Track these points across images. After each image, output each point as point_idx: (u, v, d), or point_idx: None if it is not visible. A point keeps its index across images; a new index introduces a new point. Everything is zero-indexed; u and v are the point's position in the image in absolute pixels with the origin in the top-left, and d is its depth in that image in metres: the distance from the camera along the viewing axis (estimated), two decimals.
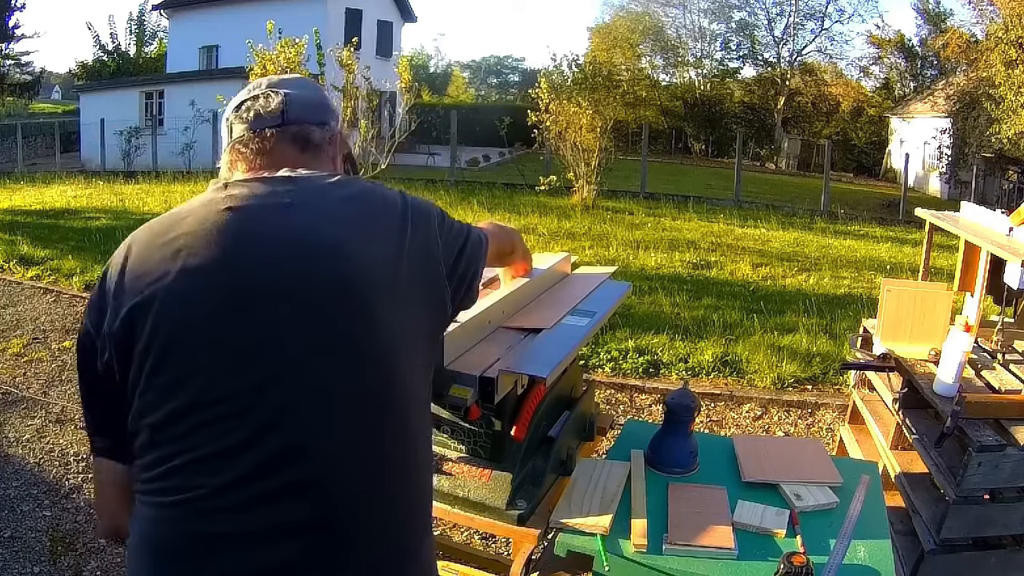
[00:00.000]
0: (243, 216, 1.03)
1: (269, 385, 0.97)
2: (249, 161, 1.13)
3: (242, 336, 0.98)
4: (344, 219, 1.06)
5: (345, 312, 1.00)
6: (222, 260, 1.00)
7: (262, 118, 1.13)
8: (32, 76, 29.15)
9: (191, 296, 0.99)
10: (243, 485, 0.96)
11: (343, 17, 20.29)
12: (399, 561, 1.06)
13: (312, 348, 0.98)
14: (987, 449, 1.90)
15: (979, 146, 17.37)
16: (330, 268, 1.00)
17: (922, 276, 3.03)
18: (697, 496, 1.57)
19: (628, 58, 29.57)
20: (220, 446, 0.96)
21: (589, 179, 11.24)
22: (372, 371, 1.01)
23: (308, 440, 0.97)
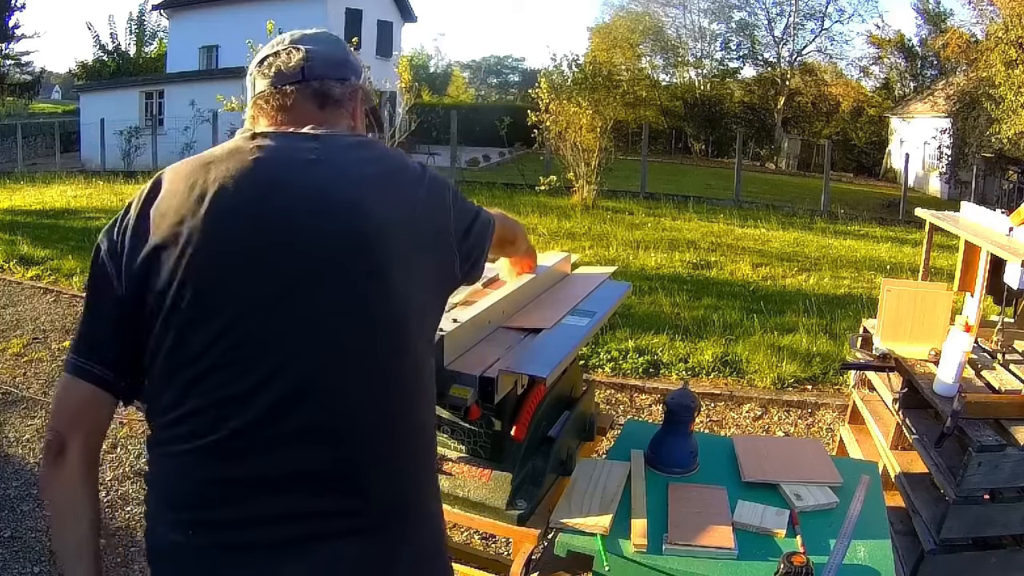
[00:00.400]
0: (270, 167, 1.05)
1: (284, 336, 0.99)
2: (270, 116, 1.14)
3: (261, 284, 1.00)
4: (365, 179, 1.07)
5: (362, 272, 1.02)
6: (248, 208, 1.01)
7: (283, 74, 1.14)
8: (32, 76, 29.16)
9: (215, 240, 1.00)
10: (258, 428, 0.97)
11: (343, 17, 20.29)
12: (405, 513, 1.08)
13: (327, 307, 1.00)
14: (987, 449, 1.90)
15: (979, 146, 17.37)
16: (350, 225, 1.02)
17: (922, 276, 3.03)
18: (697, 496, 1.57)
19: (628, 58, 29.57)
20: (235, 389, 0.98)
21: (589, 179, 11.24)
22: (384, 336, 1.03)
23: (320, 390, 0.99)
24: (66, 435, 1.04)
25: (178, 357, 0.99)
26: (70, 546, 1.05)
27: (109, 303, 1.03)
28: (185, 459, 1.00)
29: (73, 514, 1.05)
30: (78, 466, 1.04)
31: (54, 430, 1.04)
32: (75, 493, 1.05)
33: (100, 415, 1.07)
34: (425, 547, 1.13)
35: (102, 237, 1.05)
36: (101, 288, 1.04)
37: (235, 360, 0.98)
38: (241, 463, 0.98)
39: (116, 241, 1.04)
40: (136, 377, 1.06)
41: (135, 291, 1.01)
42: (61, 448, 1.03)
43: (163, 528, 1.03)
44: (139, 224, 1.03)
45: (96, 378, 1.04)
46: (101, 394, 1.05)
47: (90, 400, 1.05)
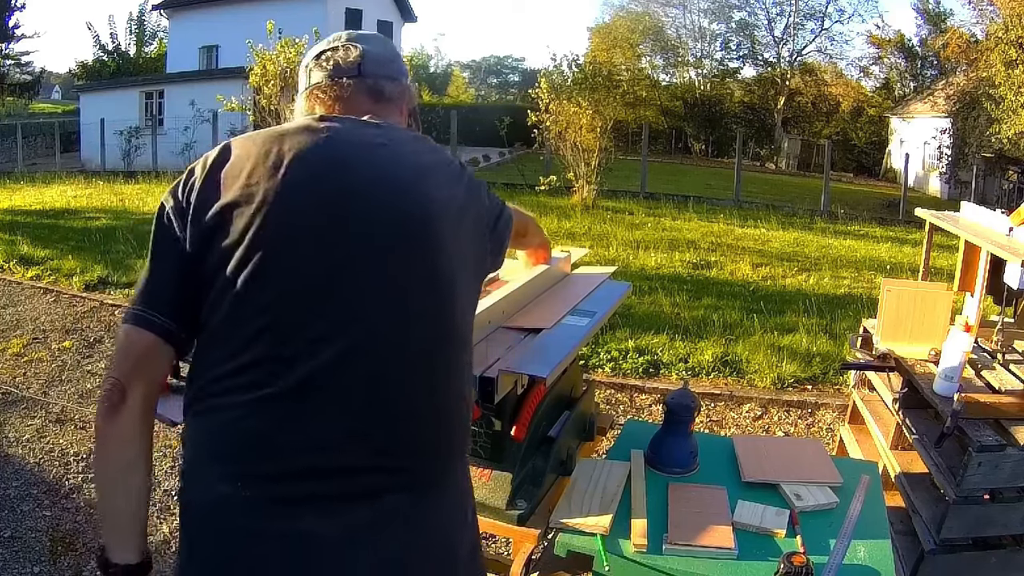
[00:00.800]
0: (341, 145, 1.10)
1: (347, 299, 1.03)
2: (327, 106, 1.20)
3: (328, 251, 1.04)
4: (423, 168, 1.14)
5: (419, 249, 1.07)
6: (321, 181, 1.06)
7: (341, 68, 1.20)
8: (32, 76, 29.14)
9: (290, 204, 1.04)
10: (316, 384, 1.01)
11: (343, 17, 20.30)
12: (444, 476, 1.13)
13: (388, 277, 1.05)
14: (987, 449, 1.90)
15: (979, 146, 17.36)
16: (411, 206, 1.08)
17: (922, 276, 3.03)
18: (697, 496, 1.57)
19: (628, 58, 29.55)
20: (298, 345, 1.01)
21: (589, 179, 11.24)
22: (435, 308, 1.09)
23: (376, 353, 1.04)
24: (127, 384, 1.04)
25: (242, 310, 1.02)
26: (119, 504, 1.06)
27: (174, 257, 1.06)
28: (240, 411, 1.01)
29: (127, 469, 1.05)
30: (139, 416, 1.05)
31: (114, 379, 1.04)
32: (132, 446, 1.05)
33: (161, 366, 1.08)
34: (461, 511, 1.17)
35: (166, 196, 1.09)
36: (166, 243, 1.07)
37: (299, 316, 1.02)
38: (295, 416, 1.01)
39: (181, 199, 1.07)
40: (192, 331, 1.08)
41: (201, 246, 1.04)
42: (122, 397, 1.03)
43: (208, 481, 1.03)
44: (207, 184, 1.06)
45: (160, 328, 1.05)
46: (163, 345, 1.06)
47: (153, 350, 1.06)
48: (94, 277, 6.11)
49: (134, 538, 1.06)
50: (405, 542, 1.06)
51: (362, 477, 1.03)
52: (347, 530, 1.02)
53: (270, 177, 1.04)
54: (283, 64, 9.15)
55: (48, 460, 3.26)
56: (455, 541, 1.15)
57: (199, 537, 1.06)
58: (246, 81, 10.04)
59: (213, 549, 1.04)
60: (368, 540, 1.04)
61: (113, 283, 6.02)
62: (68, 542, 2.67)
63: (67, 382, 4.12)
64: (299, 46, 9.31)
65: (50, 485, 3.06)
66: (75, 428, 3.56)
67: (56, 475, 3.13)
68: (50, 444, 3.40)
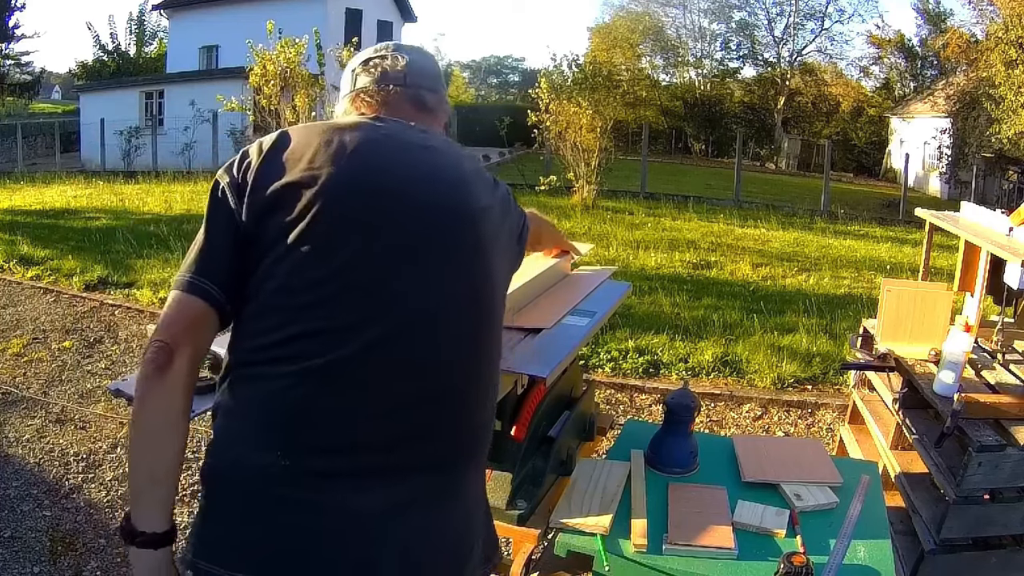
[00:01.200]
0: (394, 142, 1.17)
1: (397, 281, 1.08)
2: (373, 110, 1.25)
3: (382, 236, 1.08)
4: (467, 171, 1.22)
5: (469, 242, 1.15)
6: (377, 172, 1.12)
7: (388, 75, 1.26)
8: (32, 76, 29.13)
9: (350, 188, 1.09)
10: (362, 359, 1.04)
11: (343, 17, 20.28)
12: (472, 458, 1.17)
13: (438, 266, 1.11)
14: (987, 449, 1.90)
15: (979, 146, 17.37)
16: (461, 203, 1.16)
17: (922, 276, 3.03)
18: (697, 496, 1.57)
19: (628, 58, 29.54)
20: (348, 320, 1.04)
21: (589, 179, 11.24)
22: (480, 299, 1.16)
23: (423, 335, 1.08)
24: (175, 347, 1.05)
25: (294, 283, 1.05)
26: (154, 467, 1.05)
27: (229, 231, 1.09)
28: (286, 380, 1.03)
29: (166, 430, 1.05)
30: (183, 379, 1.05)
31: (162, 341, 1.05)
32: (174, 408, 1.05)
33: (207, 335, 1.10)
34: (480, 492, 1.23)
35: (221, 174, 1.13)
36: (221, 217, 1.10)
37: (353, 293, 1.05)
38: (342, 388, 1.03)
39: (237, 176, 1.11)
40: (236, 305, 1.10)
41: (256, 221, 1.08)
42: (169, 359, 1.04)
43: (243, 450, 1.04)
44: (266, 165, 1.11)
45: (211, 297, 1.07)
46: (212, 315, 1.08)
47: (202, 317, 1.08)
48: (94, 277, 6.11)
49: (164, 504, 1.06)
50: (429, 524, 1.09)
51: (399, 455, 1.06)
52: (379, 506, 1.04)
53: (332, 163, 1.09)
54: (283, 64, 9.15)
55: (48, 460, 3.26)
56: (472, 537, 1.19)
57: (226, 503, 1.05)
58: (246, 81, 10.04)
59: (241, 515, 1.04)
60: (397, 517, 1.06)
61: (113, 283, 6.02)
62: (68, 542, 2.67)
63: (67, 382, 4.12)
64: (299, 46, 9.31)
65: (50, 485, 3.06)
66: (75, 428, 3.56)
67: (56, 475, 3.13)
68: (50, 444, 3.40)
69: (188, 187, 12.10)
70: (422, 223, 1.11)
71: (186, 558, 1.06)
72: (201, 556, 1.05)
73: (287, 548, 1.02)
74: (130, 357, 4.55)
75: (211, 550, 1.05)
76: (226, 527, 1.05)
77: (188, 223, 8.48)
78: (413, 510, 1.07)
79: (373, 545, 1.04)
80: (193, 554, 1.06)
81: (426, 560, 1.09)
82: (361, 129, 1.16)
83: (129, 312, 5.39)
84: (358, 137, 1.14)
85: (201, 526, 1.08)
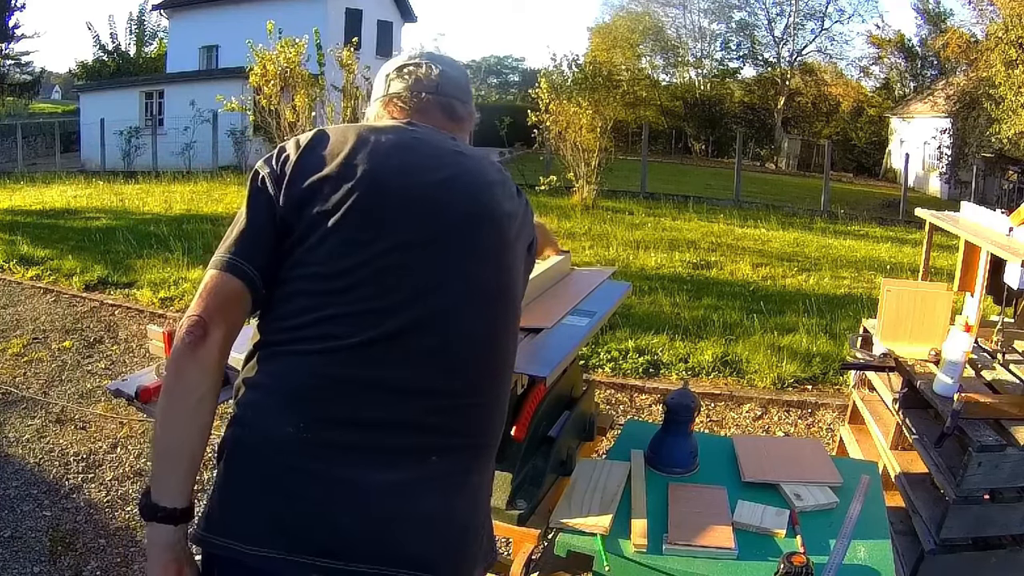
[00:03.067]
0: (427, 144, 1.23)
1: (428, 271, 1.13)
2: (405, 115, 1.31)
3: (415, 229, 1.13)
4: (493, 181, 1.26)
5: (496, 241, 1.20)
6: (413, 168, 1.18)
7: (421, 82, 1.32)
8: (32, 76, 29.14)
9: (386, 181, 1.15)
10: (390, 341, 1.09)
11: (343, 17, 20.27)
12: (485, 446, 1.20)
13: (468, 259, 1.16)
14: (987, 449, 1.90)
15: (979, 146, 17.37)
16: (489, 204, 1.22)
17: (922, 276, 3.03)
18: (697, 496, 1.57)
19: (628, 58, 29.54)
20: (377, 304, 1.09)
21: (589, 179, 11.24)
22: (504, 295, 1.21)
23: (450, 323, 1.13)
24: (211, 322, 1.07)
25: (327, 271, 1.10)
26: (183, 440, 1.07)
27: (267, 217, 1.14)
28: (313, 358, 1.08)
29: (199, 403, 1.07)
30: (216, 354, 1.08)
31: (199, 315, 1.07)
32: (207, 381, 1.07)
33: (241, 315, 1.13)
34: (489, 485, 1.25)
35: (261, 165, 1.18)
36: (261, 204, 1.15)
37: (382, 281, 1.10)
38: (366, 368, 1.08)
39: (276, 168, 1.16)
40: (269, 289, 1.13)
41: (294, 209, 1.13)
42: (204, 333, 1.06)
43: (271, 420, 1.06)
44: (304, 159, 1.16)
45: (248, 278, 1.11)
46: (247, 296, 1.12)
47: (239, 296, 1.11)
48: (94, 277, 6.11)
49: (188, 480, 1.08)
50: (443, 507, 1.11)
51: (419, 436, 1.10)
52: (393, 483, 1.06)
53: (370, 159, 1.15)
54: (283, 64, 9.14)
55: (48, 460, 3.26)
56: (480, 527, 1.21)
57: (244, 475, 1.06)
58: (246, 81, 10.02)
59: (259, 487, 1.05)
60: (411, 496, 1.08)
61: (113, 283, 6.02)
62: (68, 542, 2.67)
63: (67, 382, 4.12)
64: (299, 46, 9.30)
65: (50, 485, 3.06)
66: (75, 428, 3.56)
67: (56, 475, 3.13)
68: (50, 444, 3.40)
69: (188, 187, 12.11)
70: (450, 222, 1.16)
71: (197, 534, 1.07)
72: (211, 529, 1.05)
73: (299, 515, 1.03)
74: (130, 357, 4.55)
75: (219, 522, 1.05)
76: (241, 495, 1.06)
77: (188, 223, 8.48)
78: (428, 491, 1.09)
79: (385, 521, 1.06)
80: (205, 528, 1.06)
81: (437, 540, 1.10)
82: (396, 132, 1.23)
83: (129, 312, 5.39)
84: (393, 139, 1.20)
85: (216, 499, 1.08)
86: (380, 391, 1.08)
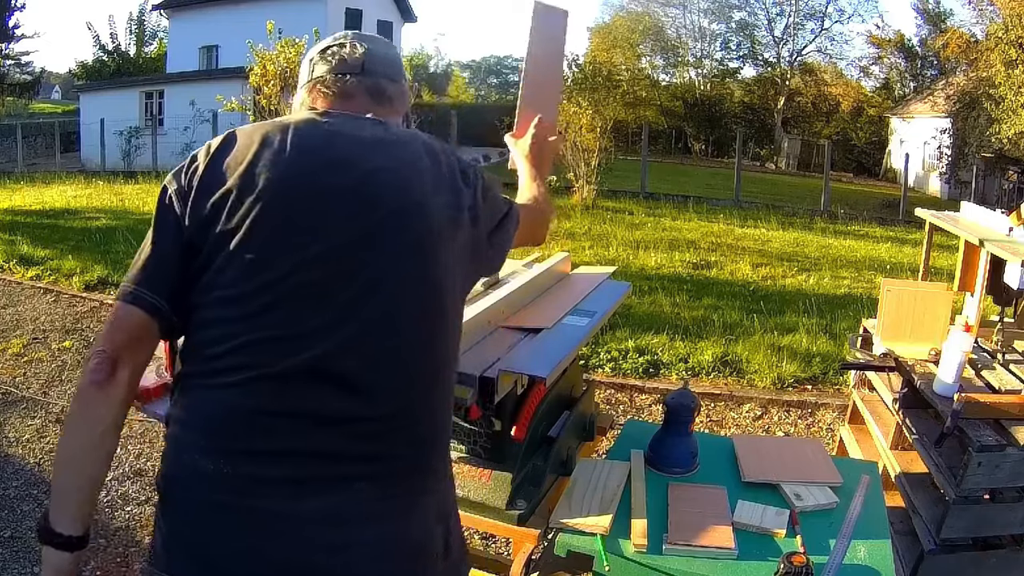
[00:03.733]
0: (341, 139, 1.13)
1: (341, 287, 1.05)
2: (329, 101, 1.22)
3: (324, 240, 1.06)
4: (422, 170, 1.15)
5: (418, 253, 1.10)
6: (320, 172, 1.09)
7: (346, 64, 1.22)
8: (32, 76, 29.11)
9: (291, 193, 1.07)
10: (306, 368, 1.02)
11: (343, 17, 20.28)
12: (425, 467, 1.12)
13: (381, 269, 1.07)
14: (987, 449, 1.90)
15: (979, 146, 17.36)
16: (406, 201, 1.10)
17: (922, 276, 3.03)
18: (697, 496, 1.57)
19: (628, 58, 29.55)
20: (290, 330, 1.03)
21: (589, 179, 11.25)
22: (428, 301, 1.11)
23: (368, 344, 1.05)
24: (118, 358, 1.05)
25: (239, 294, 1.04)
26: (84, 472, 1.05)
27: (174, 239, 1.08)
28: (230, 391, 1.03)
29: (102, 436, 1.05)
30: (124, 389, 1.05)
31: (105, 351, 1.04)
32: (111, 416, 1.05)
33: (149, 346, 1.09)
34: (441, 503, 1.17)
35: (169, 179, 1.12)
36: (167, 226, 1.09)
37: (296, 302, 1.04)
38: (282, 399, 1.02)
39: (184, 184, 1.10)
40: (182, 315, 1.08)
41: (200, 229, 1.06)
42: (112, 369, 1.04)
43: (192, 456, 1.04)
44: (209, 170, 1.09)
45: (153, 308, 1.06)
46: (154, 326, 1.07)
47: (145, 328, 1.07)
48: (94, 277, 6.11)
49: (86, 508, 1.06)
50: (377, 534, 1.06)
51: (343, 464, 1.04)
52: (322, 514, 1.03)
53: (273, 166, 1.07)
54: (283, 64, 9.13)
55: (48, 460, 3.26)
56: (427, 551, 1.14)
57: (176, 510, 1.06)
58: (246, 81, 10.03)
59: (189, 522, 1.04)
60: (343, 526, 1.04)
61: (113, 283, 6.01)
62: None
63: (67, 382, 4.12)
64: (299, 46, 9.29)
65: (50, 485, 3.06)
66: None
67: None
68: (50, 444, 3.40)
69: None
70: (369, 225, 1.07)
71: (145, 568, 1.07)
72: (156, 564, 1.05)
73: (228, 553, 1.01)
74: None
75: (162, 558, 1.05)
76: (176, 534, 1.05)
77: None
78: (360, 520, 1.05)
79: (315, 552, 1.02)
80: (151, 563, 1.06)
81: (372, 571, 1.06)
82: (308, 126, 1.14)
83: None
84: (303, 136, 1.12)
85: (156, 534, 1.08)
86: (299, 420, 1.03)
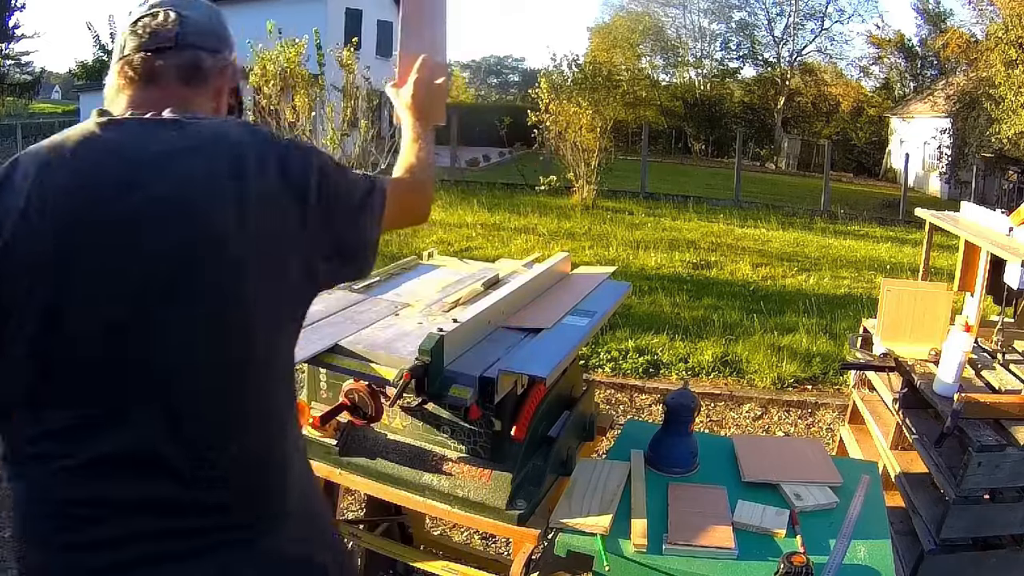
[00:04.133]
0: (119, 161, 0.96)
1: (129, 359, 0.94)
2: (135, 85, 1.04)
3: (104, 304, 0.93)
4: (225, 177, 0.98)
5: (215, 291, 0.96)
6: (89, 212, 0.93)
7: (156, 36, 1.04)
8: (32, 76, 29.11)
9: (60, 235, 0.92)
10: (107, 453, 0.94)
11: (343, 17, 20.27)
12: (269, 522, 1.05)
13: (172, 328, 0.95)
14: (987, 449, 1.90)
15: (979, 146, 17.38)
16: (193, 233, 0.95)
17: (922, 276, 3.03)
18: (697, 496, 1.57)
19: (628, 58, 29.58)
20: (84, 412, 0.94)
21: (589, 179, 11.25)
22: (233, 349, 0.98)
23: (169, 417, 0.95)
24: None
25: (26, 375, 0.93)
26: None
27: None
28: (40, 481, 0.96)
29: None
30: None
31: None
32: None
33: None
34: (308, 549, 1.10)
35: None
36: None
37: (83, 379, 0.93)
38: (91, 486, 0.95)
39: None
40: None
41: None
42: None
43: (24, 549, 1.01)
44: None
45: None
46: None
47: None
48: None
49: None
50: None
51: (165, 541, 0.97)
52: None
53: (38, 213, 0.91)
54: (283, 64, 9.14)
55: None
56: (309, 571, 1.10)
57: None
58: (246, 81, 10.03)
59: None
60: None
61: None
62: None
63: None
64: (299, 46, 9.30)
65: None
66: None
67: None
68: None
69: None
70: (147, 266, 0.93)
71: None
72: None
73: None
74: None
75: None
76: None
77: None
78: None
79: None
80: None
81: None
82: (80, 146, 0.96)
83: None
84: (71, 162, 0.94)
85: None
86: (111, 506, 0.95)
